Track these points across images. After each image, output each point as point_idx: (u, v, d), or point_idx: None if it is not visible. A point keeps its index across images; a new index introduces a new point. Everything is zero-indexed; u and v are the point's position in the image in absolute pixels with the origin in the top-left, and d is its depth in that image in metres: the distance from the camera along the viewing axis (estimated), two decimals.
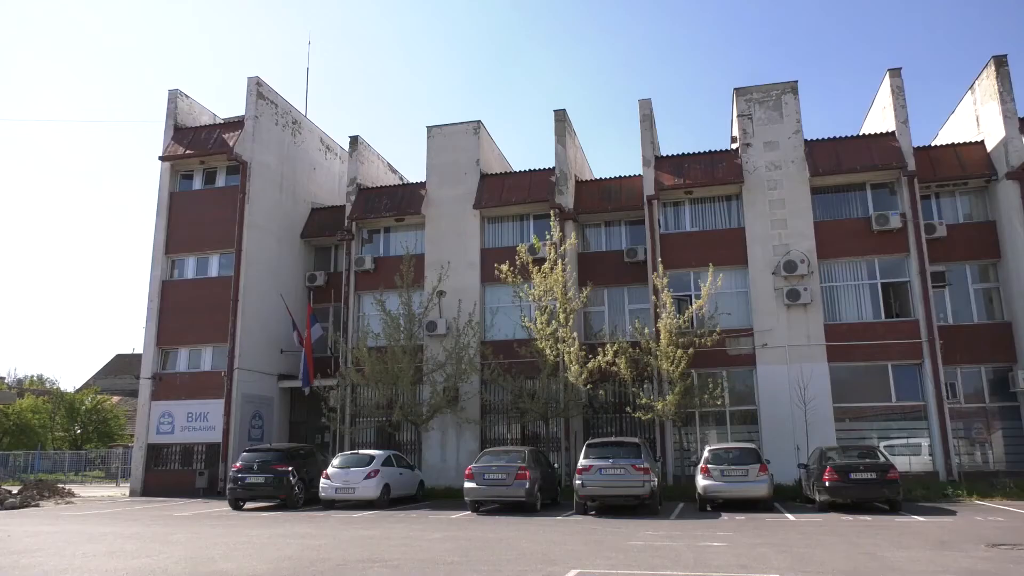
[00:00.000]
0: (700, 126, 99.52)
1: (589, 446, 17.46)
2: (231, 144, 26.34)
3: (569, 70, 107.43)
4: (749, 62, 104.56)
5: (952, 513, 15.60)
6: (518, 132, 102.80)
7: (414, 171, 35.42)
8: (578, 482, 16.59)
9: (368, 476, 18.81)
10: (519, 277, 22.51)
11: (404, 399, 22.62)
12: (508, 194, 25.71)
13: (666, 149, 26.41)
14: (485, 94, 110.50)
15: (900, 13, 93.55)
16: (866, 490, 16.24)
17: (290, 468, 19.38)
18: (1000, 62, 22.52)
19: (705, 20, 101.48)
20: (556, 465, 21.18)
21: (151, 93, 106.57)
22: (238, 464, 19.69)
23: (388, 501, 19.12)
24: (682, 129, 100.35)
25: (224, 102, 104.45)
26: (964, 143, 23.99)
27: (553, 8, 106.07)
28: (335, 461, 19.76)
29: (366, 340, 23.70)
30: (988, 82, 22.98)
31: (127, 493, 25.76)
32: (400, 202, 26.88)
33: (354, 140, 28.15)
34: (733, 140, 25.10)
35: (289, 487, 19.21)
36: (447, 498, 21.19)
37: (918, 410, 21.66)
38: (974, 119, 24.09)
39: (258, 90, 27.12)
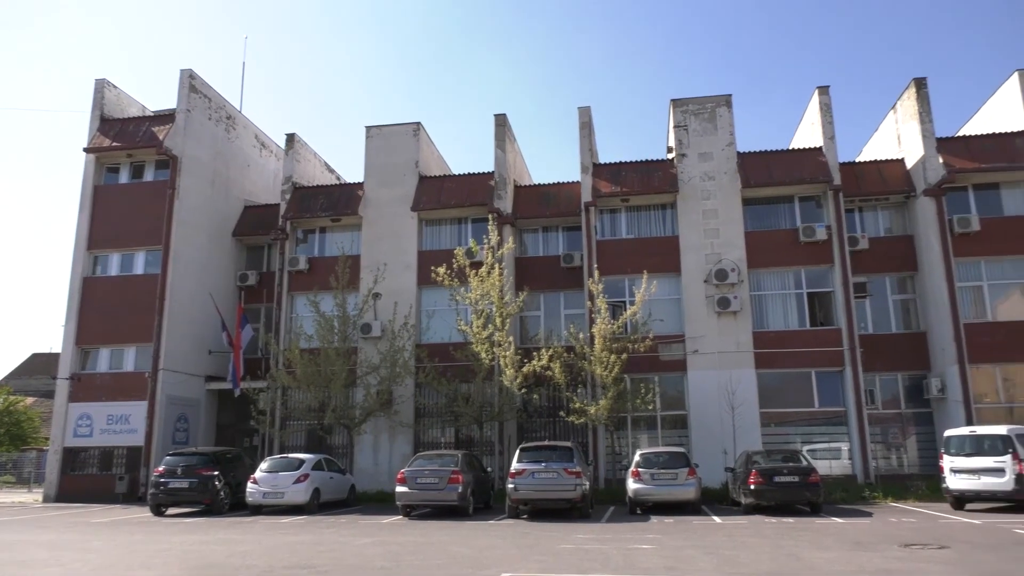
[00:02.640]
0: (637, 135, 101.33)
1: (522, 450, 17.51)
2: (161, 138, 25.52)
3: (510, 76, 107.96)
4: (687, 74, 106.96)
5: (869, 515, 16.21)
6: (458, 135, 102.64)
7: (352, 171, 35.01)
8: (511, 486, 16.62)
9: (298, 480, 18.43)
10: (456, 280, 22.45)
11: (337, 402, 22.27)
12: (447, 197, 25.63)
13: (604, 157, 26.85)
14: (425, 96, 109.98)
15: (830, 34, 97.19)
16: (789, 493, 16.76)
17: (216, 472, 18.84)
18: (920, 84, 23.59)
19: (645, 32, 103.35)
20: (489, 469, 21.16)
21: (77, 82, 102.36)
22: (161, 468, 19.03)
23: (318, 506, 18.77)
24: (620, 138, 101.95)
25: (155, 95, 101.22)
26: (886, 160, 25.04)
27: (496, 13, 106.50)
28: (263, 465, 19.30)
29: (298, 342, 23.25)
30: (909, 103, 24.04)
31: (40, 499, 24.60)
32: (337, 202, 26.50)
33: (290, 138, 27.63)
34: (669, 150, 25.61)
35: (214, 492, 18.66)
36: (379, 502, 20.96)
37: (839, 415, 22.45)
38: (896, 137, 25.17)
39: (191, 83, 26.36)
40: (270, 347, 24.49)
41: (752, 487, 16.71)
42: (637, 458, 18.04)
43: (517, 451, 17.67)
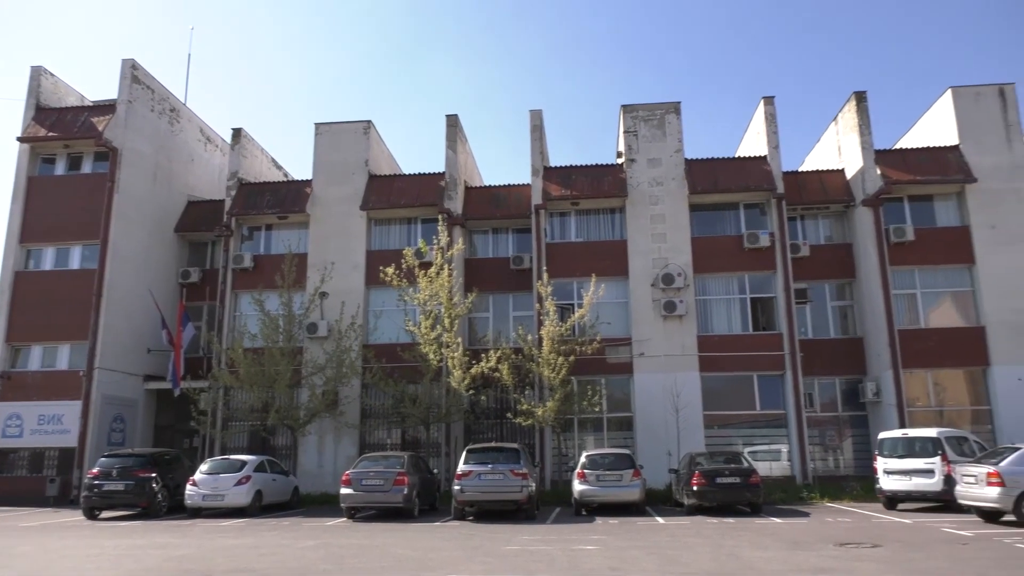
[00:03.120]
0: (588, 140, 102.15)
1: (469, 451, 17.49)
2: (100, 129, 24.73)
3: (462, 77, 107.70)
4: (637, 80, 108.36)
5: (806, 515, 16.64)
6: (409, 135, 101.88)
7: (300, 169, 34.37)
8: (457, 487, 16.58)
9: (239, 482, 18.05)
10: (405, 281, 22.30)
11: (281, 402, 21.89)
12: (397, 196, 25.45)
13: (555, 160, 26.97)
14: (376, 96, 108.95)
15: (777, 45, 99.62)
16: (731, 494, 17.09)
17: (153, 474, 18.32)
18: (860, 97, 24.35)
19: (597, 37, 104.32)
20: (436, 471, 21.06)
21: (11, 68, 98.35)
22: (95, 470, 18.38)
23: (260, 508, 18.43)
24: (570, 142, 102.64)
25: (95, 85, 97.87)
26: (827, 170, 25.76)
27: (449, 14, 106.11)
28: (203, 467, 18.86)
29: (242, 341, 22.77)
30: (850, 115, 24.79)
31: None
32: (284, 199, 26.06)
33: (237, 132, 27.08)
34: (619, 155, 25.91)
35: (151, 494, 18.14)
36: (323, 504, 20.67)
37: (779, 418, 23.00)
38: (837, 148, 25.93)
39: (133, 73, 25.61)
40: (212, 346, 23.96)
41: (695, 488, 16.99)
42: (583, 460, 18.17)
43: (464, 453, 17.64)
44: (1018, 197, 23.02)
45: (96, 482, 17.98)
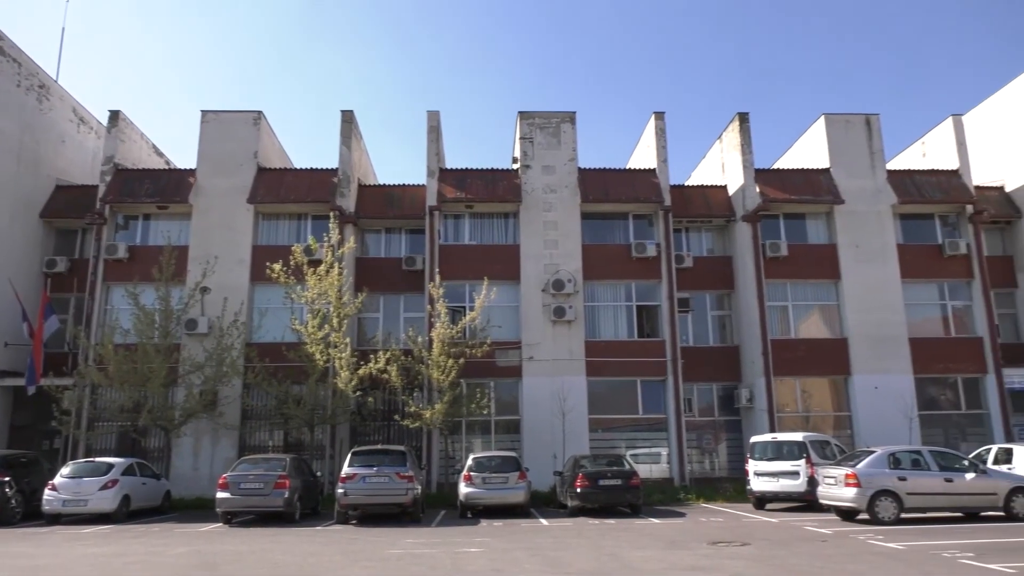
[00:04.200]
0: (484, 144, 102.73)
1: (354, 454, 17.21)
2: None
3: (359, 75, 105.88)
4: (535, 88, 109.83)
5: (683, 515, 17.32)
6: (303, 130, 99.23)
7: (185, 158, 32.61)
8: (340, 491, 16.27)
9: (105, 487, 16.99)
10: (292, 278, 21.64)
11: (154, 402, 20.75)
12: (287, 191, 24.70)
13: (451, 162, 26.90)
14: (269, 88, 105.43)
15: (671, 61, 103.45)
16: (612, 495, 17.57)
17: (7, 478, 16.95)
18: (743, 118, 25.64)
19: (497, 42, 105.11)
20: (320, 474, 20.55)
21: None
22: None
23: (127, 514, 17.41)
24: (467, 145, 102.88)
25: None
26: (711, 186, 26.97)
27: (346, 8, 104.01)
28: (64, 470, 17.61)
29: (113, 336, 21.41)
30: (733, 134, 26.06)
31: None
32: (165, 188, 24.76)
33: (115, 115, 25.52)
34: (514, 160, 26.16)
35: (4, 499, 16.77)
36: (198, 509, 19.73)
37: (660, 422, 23.83)
38: (721, 165, 27.19)
39: None
40: (79, 341, 22.40)
41: (578, 490, 17.36)
42: (470, 462, 18.23)
43: (349, 455, 17.33)
44: (879, 219, 24.85)
45: None
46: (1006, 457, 18.33)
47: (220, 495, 16.28)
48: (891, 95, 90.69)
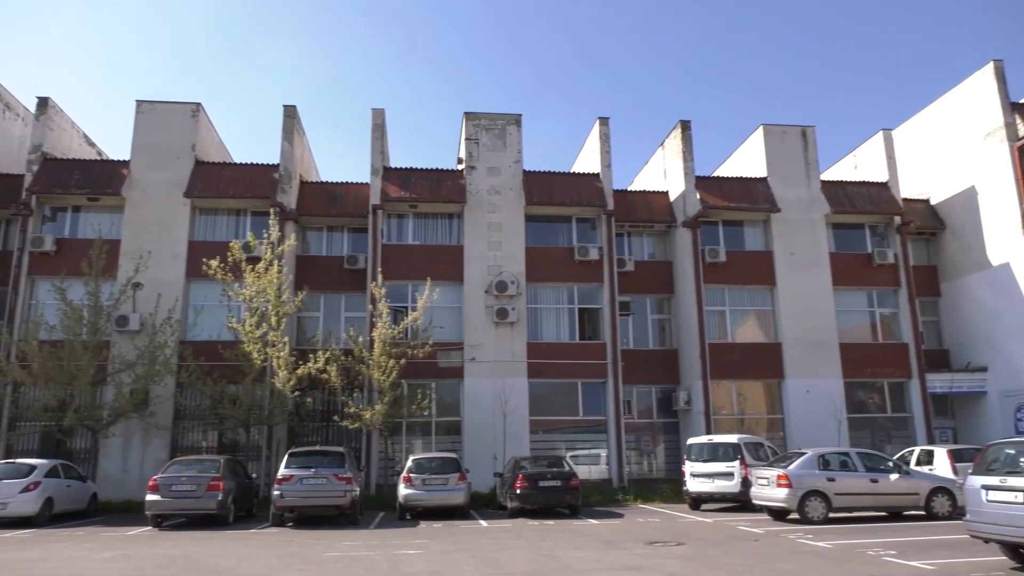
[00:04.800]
0: (429, 143, 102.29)
1: (291, 455, 16.93)
2: None
3: (303, 70, 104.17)
4: (482, 89, 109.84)
5: (621, 516, 17.53)
6: (244, 125, 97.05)
7: (119, 149, 31.45)
8: (276, 492, 15.98)
9: (26, 489, 16.26)
10: (230, 275, 21.13)
11: (81, 401, 19.98)
12: (226, 186, 24.11)
13: (395, 161, 26.67)
14: (209, 81, 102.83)
15: (617, 67, 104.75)
16: (552, 496, 17.68)
17: None
18: (685, 126, 26.14)
19: (442, 42, 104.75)
20: (255, 475, 20.13)
21: None
22: None
23: (50, 517, 16.72)
24: (412, 145, 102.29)
25: None
26: (653, 191, 27.41)
27: (290, 4, 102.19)
28: None
29: (38, 332, 20.54)
30: (675, 142, 26.54)
31: None
32: (96, 179, 23.87)
33: (43, 101, 24.50)
34: (460, 161, 26.12)
35: None
36: (126, 512, 19.09)
37: (600, 424, 24.09)
38: (663, 171, 27.66)
39: None
40: (1, 337, 21.44)
41: (518, 491, 17.42)
42: (409, 464, 18.13)
43: (286, 456, 17.03)
44: (813, 228, 25.63)
45: None
46: (927, 459, 19.17)
47: (150, 497, 15.79)
48: (827, 108, 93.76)
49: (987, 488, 9.48)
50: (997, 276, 24.88)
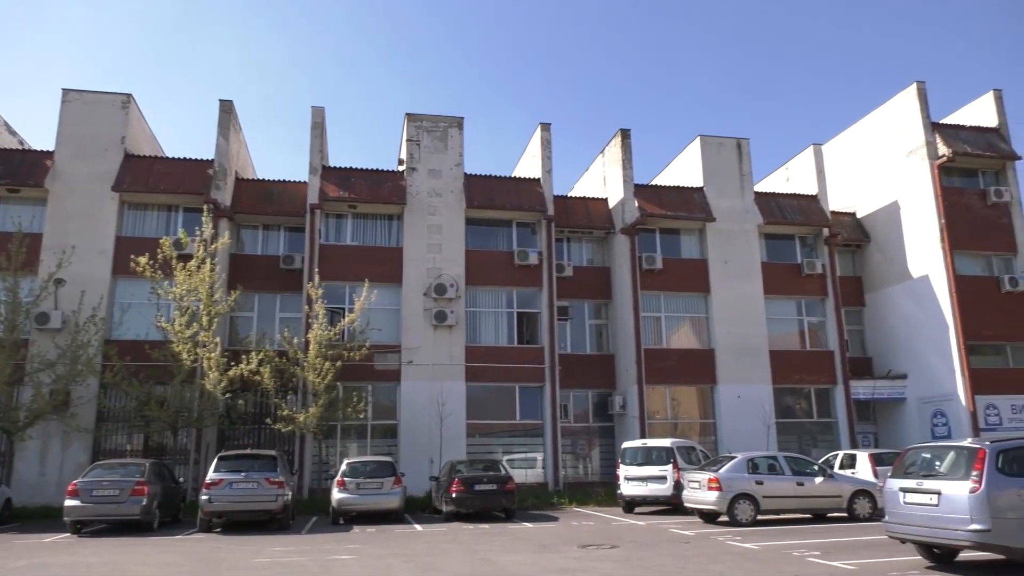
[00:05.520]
0: (370, 143, 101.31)
1: (221, 459, 16.51)
2: None
3: (241, 67, 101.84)
4: (424, 91, 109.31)
5: (556, 519, 17.63)
6: (178, 120, 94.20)
7: (43, 139, 30.10)
8: (204, 497, 15.55)
9: None
10: (160, 273, 20.46)
11: None
12: (157, 180, 23.35)
13: (335, 161, 26.26)
14: (142, 73, 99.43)
15: (560, 73, 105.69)
16: (487, 500, 17.65)
17: None
18: (625, 135, 26.54)
19: (385, 43, 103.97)
20: (182, 479, 19.52)
21: None
22: None
23: None
24: (353, 146, 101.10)
25: None
26: (593, 198, 27.73)
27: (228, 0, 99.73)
28: None
29: None
30: (615, 150, 26.91)
31: None
32: (17, 169, 22.80)
33: None
34: (400, 162, 25.90)
35: None
36: (44, 518, 18.22)
37: (537, 428, 24.20)
38: (602, 178, 28.00)
39: None
40: None
41: (453, 495, 17.35)
42: (344, 467, 17.91)
43: (215, 460, 16.58)
44: (746, 237, 26.33)
45: None
46: (851, 462, 19.89)
47: (69, 503, 15.16)
48: (764, 120, 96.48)
49: (904, 491, 9.88)
50: (917, 288, 26.03)
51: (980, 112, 27.53)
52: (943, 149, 25.66)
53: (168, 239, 21.08)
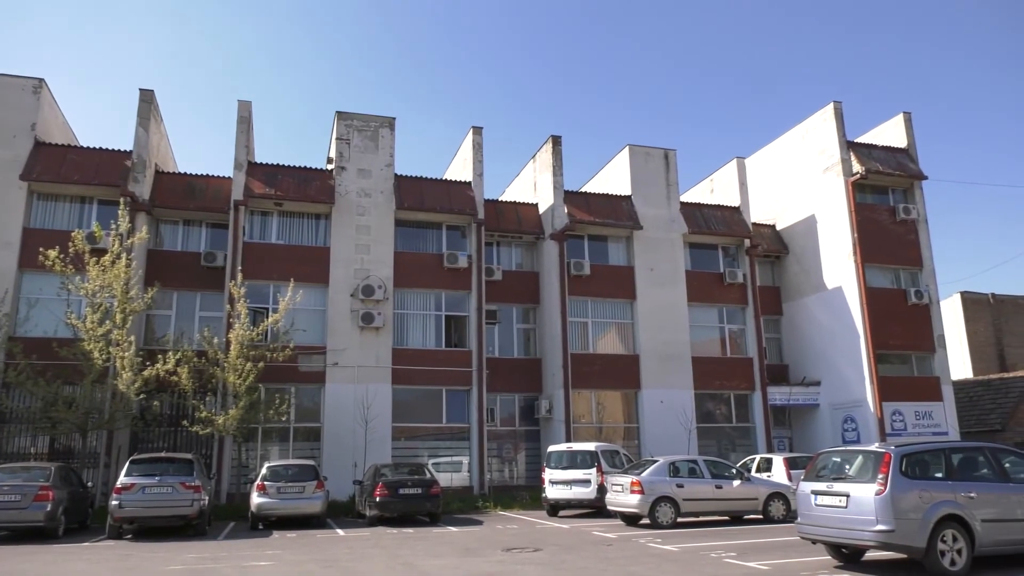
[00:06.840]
0: (298, 141, 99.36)
1: (133, 462, 15.85)
2: None
3: (163, 57, 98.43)
4: (354, 90, 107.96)
5: (480, 523, 17.62)
6: (95, 109, 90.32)
7: None
8: (115, 502, 14.91)
9: None
10: (71, 267, 19.53)
11: None
12: (70, 170, 22.29)
13: (262, 158, 25.57)
14: (57, 58, 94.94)
15: (492, 77, 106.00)
16: (412, 504, 17.50)
17: None
18: (556, 141, 26.81)
19: (315, 39, 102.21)
20: (91, 484, 18.66)
21: None
22: None
23: None
24: (281, 143, 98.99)
25: None
26: (523, 203, 27.88)
27: None
28: None
29: None
30: (546, 156, 27.15)
31: None
32: None
33: None
34: (329, 161, 25.49)
35: None
36: None
37: (463, 431, 24.14)
38: (533, 184, 28.20)
39: None
40: None
41: (377, 499, 17.14)
42: (264, 471, 17.48)
43: (127, 463, 15.92)
44: (671, 246, 26.95)
45: None
46: (767, 466, 20.58)
47: None
48: (692, 129, 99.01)
49: (816, 493, 10.28)
50: (832, 298, 27.16)
51: (891, 133, 28.98)
52: (857, 167, 26.87)
53: (81, 232, 20.16)
